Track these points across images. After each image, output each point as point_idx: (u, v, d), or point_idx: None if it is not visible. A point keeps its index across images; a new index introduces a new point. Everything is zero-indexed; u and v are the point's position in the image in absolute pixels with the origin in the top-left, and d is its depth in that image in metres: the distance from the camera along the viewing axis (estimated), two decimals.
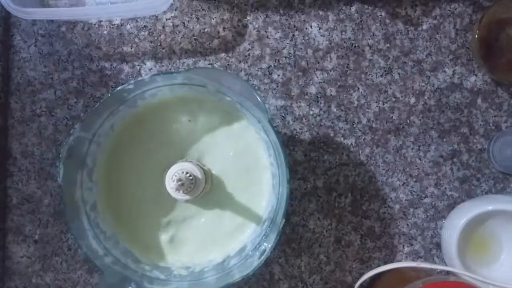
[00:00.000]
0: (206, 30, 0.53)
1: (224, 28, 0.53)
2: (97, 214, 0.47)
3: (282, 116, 0.53)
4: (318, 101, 0.53)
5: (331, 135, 0.53)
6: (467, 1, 0.53)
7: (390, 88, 0.53)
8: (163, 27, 0.53)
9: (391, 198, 0.53)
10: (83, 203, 0.46)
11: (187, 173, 0.46)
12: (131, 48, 0.54)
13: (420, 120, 0.53)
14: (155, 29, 0.53)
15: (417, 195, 0.53)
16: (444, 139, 0.53)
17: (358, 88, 0.53)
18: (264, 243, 0.45)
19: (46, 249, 0.53)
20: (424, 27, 0.53)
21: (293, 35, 0.53)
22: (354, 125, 0.53)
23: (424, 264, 0.48)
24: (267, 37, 0.53)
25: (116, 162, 0.48)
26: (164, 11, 0.52)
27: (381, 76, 0.53)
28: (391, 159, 0.53)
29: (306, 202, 0.53)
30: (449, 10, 0.53)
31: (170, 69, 0.54)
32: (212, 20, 0.53)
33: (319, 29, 0.53)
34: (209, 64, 0.54)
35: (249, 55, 0.53)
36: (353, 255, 0.53)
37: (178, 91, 0.47)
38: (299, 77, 0.53)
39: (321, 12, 0.53)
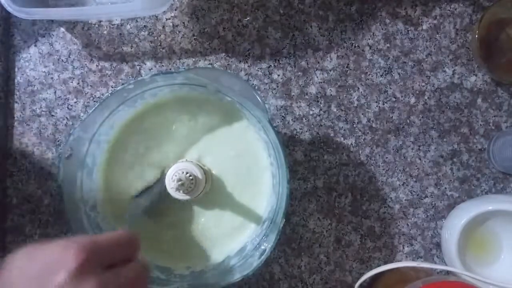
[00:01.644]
0: (206, 30, 0.53)
1: (224, 28, 0.53)
2: (97, 214, 0.47)
3: (282, 116, 0.53)
4: (318, 101, 0.53)
5: (331, 135, 0.53)
6: (467, 1, 0.53)
7: (390, 88, 0.53)
8: (163, 27, 0.53)
9: (391, 198, 0.53)
10: (83, 203, 0.46)
11: (187, 173, 0.46)
12: (131, 48, 0.54)
13: (420, 120, 0.53)
14: (155, 29, 0.53)
15: (417, 195, 0.53)
16: (444, 139, 0.53)
17: (358, 88, 0.53)
18: (264, 243, 0.45)
19: None
20: (424, 27, 0.53)
21: (293, 35, 0.53)
22: (354, 125, 0.53)
23: (424, 264, 0.48)
24: (267, 37, 0.53)
25: (116, 162, 0.48)
26: (164, 11, 0.52)
27: (381, 76, 0.53)
28: (391, 159, 0.53)
29: (306, 202, 0.53)
30: (449, 10, 0.53)
31: (170, 69, 0.54)
32: (212, 20, 0.53)
33: (319, 29, 0.53)
34: (209, 64, 0.54)
35: (249, 55, 0.53)
36: (353, 255, 0.53)
37: (178, 91, 0.47)
38: (299, 77, 0.53)
39: (321, 12, 0.53)
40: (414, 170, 0.53)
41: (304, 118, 0.53)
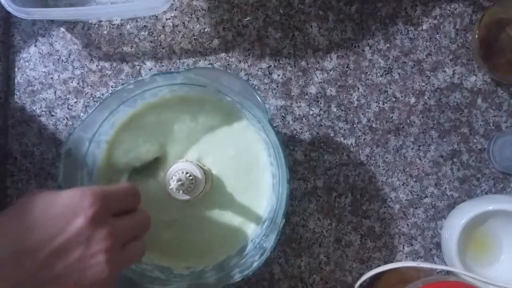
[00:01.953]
0: (206, 30, 0.53)
1: (224, 28, 0.53)
2: None
3: (282, 116, 0.53)
4: (318, 101, 0.53)
5: (331, 135, 0.53)
6: (467, 1, 0.53)
7: (390, 88, 0.53)
8: (163, 27, 0.53)
9: (391, 198, 0.53)
10: None
11: (187, 173, 0.46)
12: (131, 48, 0.54)
13: (420, 120, 0.53)
14: (155, 29, 0.53)
15: (417, 195, 0.53)
16: (444, 139, 0.53)
17: (358, 88, 0.53)
18: (264, 243, 0.45)
19: None
20: (424, 27, 0.53)
21: (293, 35, 0.53)
22: (354, 125, 0.53)
23: (424, 264, 0.48)
24: (267, 37, 0.53)
25: (116, 162, 0.48)
26: (164, 11, 0.52)
27: (381, 76, 0.53)
28: (391, 159, 0.53)
29: (306, 202, 0.53)
30: (449, 10, 0.53)
31: (170, 69, 0.54)
32: (212, 20, 0.53)
33: (319, 29, 0.53)
34: (209, 64, 0.54)
35: (249, 55, 0.53)
36: (353, 255, 0.53)
37: (178, 91, 0.47)
38: (299, 77, 0.53)
39: (321, 12, 0.53)
40: (414, 170, 0.53)
41: (304, 118, 0.53)
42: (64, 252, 0.32)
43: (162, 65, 0.54)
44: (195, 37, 0.54)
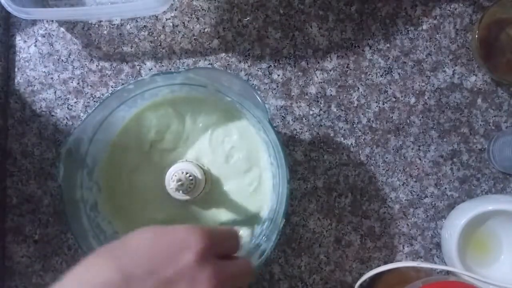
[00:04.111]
0: (206, 30, 0.53)
1: (224, 28, 0.53)
2: (97, 214, 0.47)
3: (282, 116, 0.53)
4: (318, 101, 0.53)
5: (331, 135, 0.53)
6: (467, 1, 0.53)
7: (390, 88, 0.53)
8: (163, 27, 0.53)
9: (391, 198, 0.53)
10: (83, 203, 0.46)
11: (187, 173, 0.46)
12: (131, 48, 0.54)
13: (420, 120, 0.53)
14: (155, 29, 0.53)
15: (417, 195, 0.53)
16: (444, 139, 0.53)
17: (358, 88, 0.53)
18: (264, 243, 0.45)
19: (46, 249, 0.53)
20: (424, 27, 0.53)
21: (293, 35, 0.53)
22: (354, 125, 0.53)
23: (424, 264, 0.48)
24: (267, 37, 0.53)
25: (116, 162, 0.48)
26: (164, 11, 0.52)
27: (381, 76, 0.53)
28: (391, 159, 0.53)
29: (306, 202, 0.53)
30: (449, 10, 0.53)
31: (170, 69, 0.54)
32: (212, 20, 0.53)
33: (319, 29, 0.53)
34: (209, 64, 0.54)
35: (249, 55, 0.53)
36: (353, 255, 0.53)
37: (178, 91, 0.47)
38: (299, 77, 0.53)
39: (321, 12, 0.53)
40: (414, 170, 0.53)
41: (304, 118, 0.53)
42: (170, 284, 0.31)
43: (162, 65, 0.54)
44: (195, 37, 0.54)
